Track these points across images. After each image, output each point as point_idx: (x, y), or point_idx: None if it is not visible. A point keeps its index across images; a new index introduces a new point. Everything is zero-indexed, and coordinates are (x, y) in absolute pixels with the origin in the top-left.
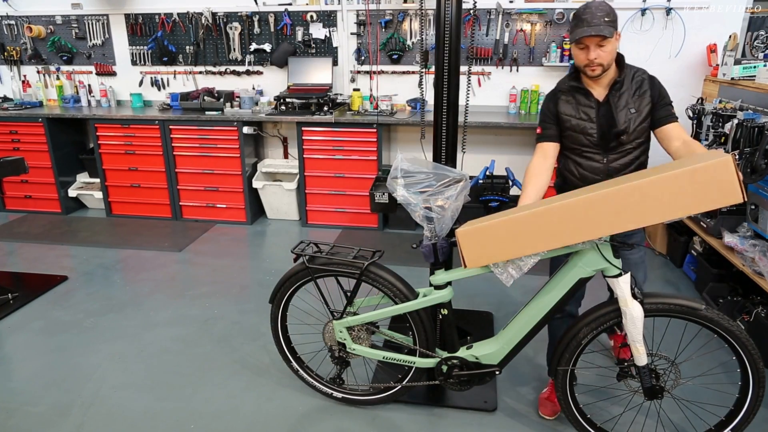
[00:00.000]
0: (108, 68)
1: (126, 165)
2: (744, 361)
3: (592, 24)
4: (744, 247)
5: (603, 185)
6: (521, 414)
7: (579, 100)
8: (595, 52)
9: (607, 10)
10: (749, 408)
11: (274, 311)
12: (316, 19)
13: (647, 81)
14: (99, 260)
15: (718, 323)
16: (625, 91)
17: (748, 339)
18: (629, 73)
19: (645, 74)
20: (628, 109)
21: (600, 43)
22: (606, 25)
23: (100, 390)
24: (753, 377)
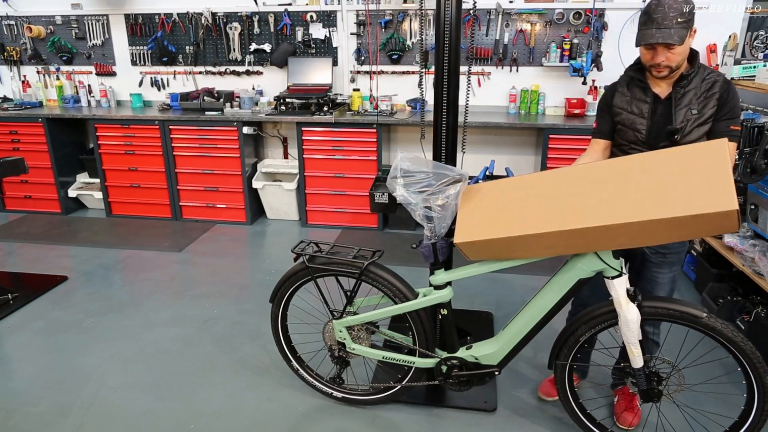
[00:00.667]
0: (108, 68)
1: (126, 165)
2: (749, 373)
3: (662, 26)
4: (744, 247)
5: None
6: (521, 414)
7: (635, 93)
8: (663, 55)
9: (681, 9)
10: (754, 421)
11: (275, 311)
12: (315, 20)
13: (720, 84)
14: (99, 260)
15: (721, 333)
16: (692, 90)
17: (754, 351)
18: (701, 72)
19: (721, 77)
20: (689, 109)
21: (669, 45)
22: (678, 27)
23: (100, 390)
24: (758, 390)
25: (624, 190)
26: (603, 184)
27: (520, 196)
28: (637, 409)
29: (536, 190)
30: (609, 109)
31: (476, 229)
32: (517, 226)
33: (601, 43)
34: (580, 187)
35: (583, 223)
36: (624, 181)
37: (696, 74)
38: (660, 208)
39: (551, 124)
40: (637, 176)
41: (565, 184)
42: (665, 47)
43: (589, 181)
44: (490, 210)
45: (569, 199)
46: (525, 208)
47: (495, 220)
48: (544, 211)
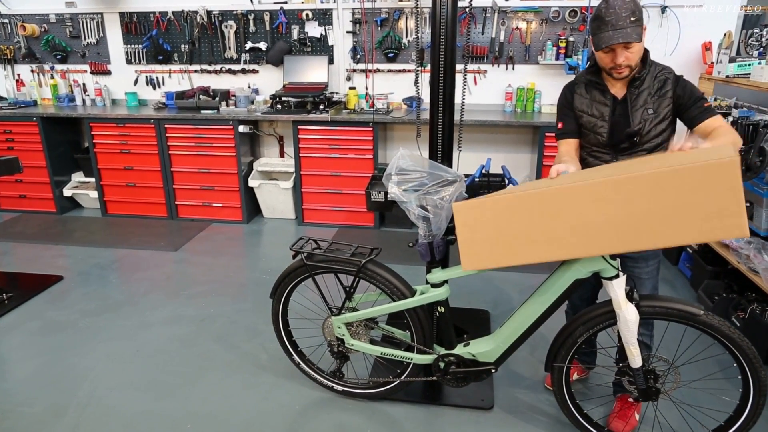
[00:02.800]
0: (103, 67)
1: (121, 164)
2: (745, 368)
3: (617, 27)
4: (739, 244)
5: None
6: (518, 412)
7: (594, 96)
8: (622, 56)
9: (632, 7)
10: (749, 416)
11: (275, 306)
12: (311, 18)
13: (671, 81)
14: (94, 260)
15: (718, 330)
16: (645, 90)
17: (750, 347)
18: (652, 70)
19: (670, 73)
20: (645, 109)
21: (627, 45)
22: (633, 26)
23: (95, 390)
24: (754, 385)
25: (632, 215)
26: (610, 205)
27: (527, 217)
28: (633, 418)
29: (541, 210)
30: (571, 109)
31: (484, 256)
32: (527, 253)
33: None
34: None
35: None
36: (631, 203)
37: (648, 74)
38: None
39: (547, 122)
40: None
41: (571, 203)
42: (623, 47)
43: (594, 200)
44: (494, 232)
45: (576, 221)
46: (533, 232)
47: (503, 245)
48: (553, 235)
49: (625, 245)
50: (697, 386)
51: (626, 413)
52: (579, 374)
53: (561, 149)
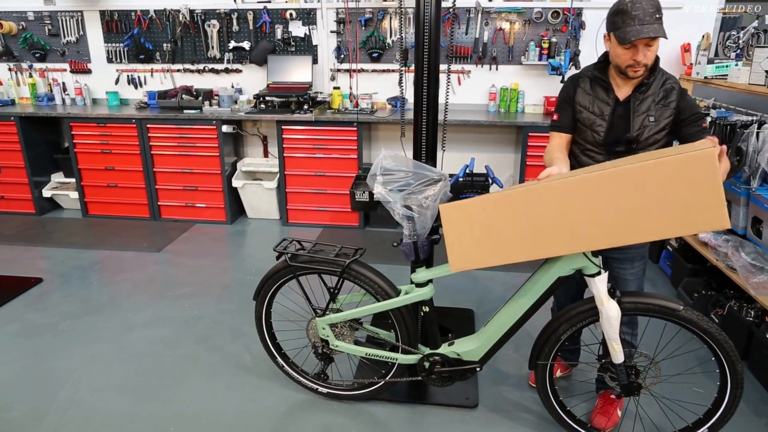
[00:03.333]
0: (83, 66)
1: (102, 164)
2: (722, 362)
3: (645, 22)
4: (717, 242)
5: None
6: (502, 410)
7: (597, 93)
8: (642, 53)
9: (657, 4)
10: (727, 408)
11: (258, 308)
12: (295, 17)
13: (676, 91)
14: (75, 261)
15: (697, 324)
16: (650, 96)
17: (727, 341)
18: (660, 77)
19: (676, 83)
20: (647, 116)
21: (649, 43)
22: (659, 23)
23: (76, 394)
24: (731, 378)
25: (615, 210)
26: (593, 201)
27: (513, 216)
28: (615, 414)
29: (526, 208)
30: (572, 103)
31: (472, 256)
32: (514, 252)
33: (578, 42)
34: (570, 206)
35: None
36: (613, 198)
37: (655, 81)
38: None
39: (530, 122)
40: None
41: (554, 202)
42: (645, 45)
43: (577, 197)
44: (481, 232)
45: (560, 218)
46: (520, 231)
47: (489, 245)
48: (539, 233)
49: (609, 240)
50: (676, 381)
51: (609, 409)
52: (562, 371)
53: (552, 142)
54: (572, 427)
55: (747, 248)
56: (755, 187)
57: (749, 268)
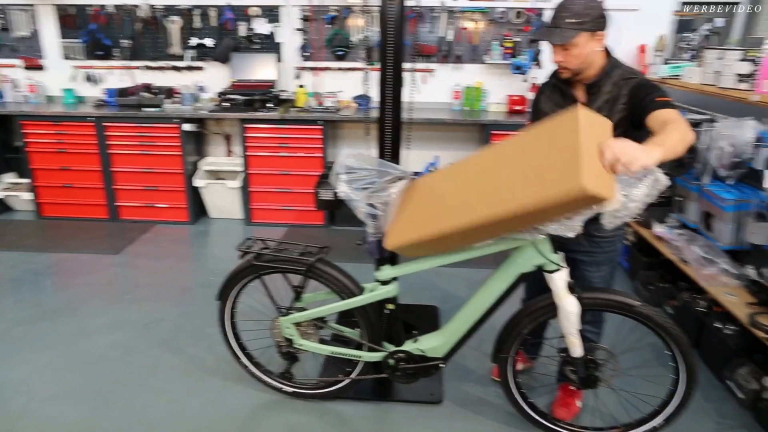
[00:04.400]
0: (36, 62)
1: (57, 164)
2: (676, 355)
3: (552, 25)
4: (671, 236)
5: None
6: (467, 404)
7: (556, 99)
8: (559, 55)
9: (576, 11)
10: (681, 399)
11: (222, 308)
12: (259, 14)
13: (630, 86)
14: (28, 265)
15: (652, 319)
16: (603, 95)
17: (681, 335)
18: (615, 76)
19: (632, 79)
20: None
21: (566, 46)
22: (567, 28)
23: (29, 403)
24: (685, 371)
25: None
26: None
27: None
28: (574, 405)
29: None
30: (537, 110)
31: (402, 232)
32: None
33: (540, 42)
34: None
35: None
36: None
37: (608, 80)
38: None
39: (494, 120)
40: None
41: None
42: (561, 48)
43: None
44: (414, 209)
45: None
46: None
47: (418, 220)
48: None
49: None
50: (635, 373)
51: (569, 401)
52: (524, 363)
53: None
54: (534, 419)
55: (698, 242)
56: (706, 182)
57: (701, 261)
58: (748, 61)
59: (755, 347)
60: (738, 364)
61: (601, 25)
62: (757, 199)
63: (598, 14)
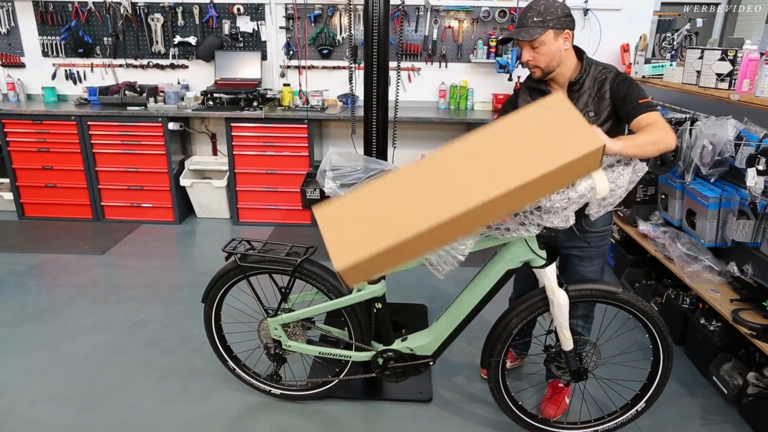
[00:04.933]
0: (15, 59)
1: (39, 164)
2: (655, 337)
3: (520, 24)
4: (656, 234)
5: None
6: (456, 403)
7: (535, 99)
8: (528, 54)
9: (540, 10)
10: (660, 380)
11: (207, 311)
12: (243, 12)
13: (609, 80)
14: (10, 266)
15: (633, 304)
16: (585, 92)
17: (659, 317)
18: (592, 72)
19: (610, 73)
20: (586, 113)
21: (533, 44)
22: (533, 26)
23: (14, 406)
24: (663, 351)
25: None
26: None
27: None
28: (563, 402)
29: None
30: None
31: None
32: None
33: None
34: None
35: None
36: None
37: (587, 76)
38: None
39: (479, 119)
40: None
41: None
42: (529, 46)
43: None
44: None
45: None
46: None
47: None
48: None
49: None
50: (615, 361)
51: (558, 398)
52: (512, 362)
53: None
54: (524, 421)
55: (682, 239)
56: (689, 181)
57: (684, 258)
58: (728, 61)
59: (739, 343)
60: (722, 360)
61: (566, 24)
62: (738, 197)
63: (563, 13)
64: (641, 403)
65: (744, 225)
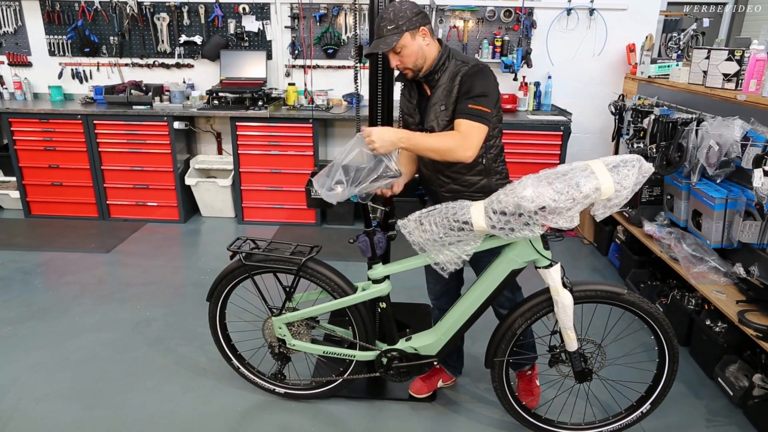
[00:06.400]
0: (23, 58)
1: (46, 162)
2: (661, 339)
3: (378, 36)
4: (661, 234)
5: None
6: (458, 403)
7: (410, 94)
8: (394, 60)
9: (391, 17)
10: (666, 382)
11: (212, 309)
12: (248, 12)
13: (461, 75)
14: (17, 264)
15: (639, 306)
16: (441, 86)
17: (665, 319)
18: (451, 66)
19: (467, 68)
20: (438, 106)
21: (395, 51)
22: (390, 34)
23: (20, 403)
24: (669, 353)
25: None
26: None
27: None
28: (537, 388)
29: None
30: (400, 108)
31: None
32: None
33: (530, 41)
34: None
35: None
36: None
37: (444, 70)
38: None
39: None
40: None
41: None
42: (393, 53)
43: None
44: None
45: None
46: None
47: None
48: None
49: None
50: (620, 363)
51: (531, 386)
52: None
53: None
54: (528, 421)
55: (688, 240)
56: (695, 181)
57: (690, 258)
58: (734, 61)
59: (745, 345)
60: (728, 361)
61: (419, 21)
62: (745, 198)
63: (413, 14)
64: (646, 404)
65: (750, 226)
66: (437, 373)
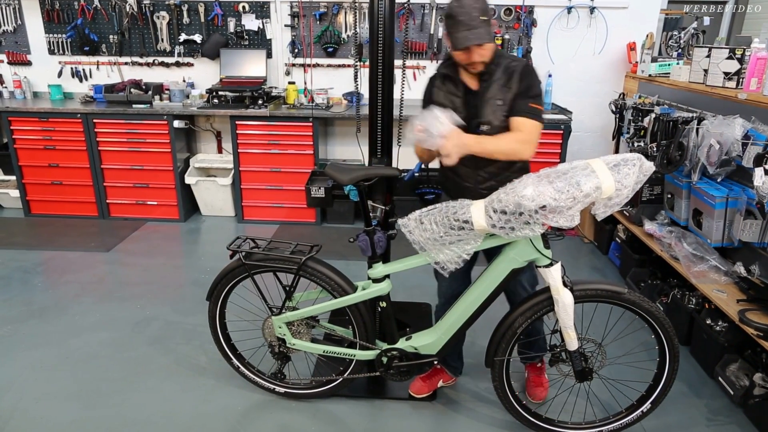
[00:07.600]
0: (22, 57)
1: (46, 161)
2: (661, 338)
3: (471, 27)
4: (662, 233)
5: None
6: (459, 402)
7: (449, 88)
8: (477, 54)
9: (482, 6)
10: (666, 381)
11: (212, 308)
12: (248, 10)
13: (518, 73)
14: (17, 263)
15: (639, 305)
16: (495, 81)
17: (665, 318)
18: (503, 62)
19: (519, 65)
20: (495, 101)
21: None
22: (485, 25)
23: (20, 402)
24: (669, 352)
25: None
26: None
27: None
28: (546, 382)
29: None
30: (431, 101)
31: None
32: None
33: (530, 39)
34: None
35: None
36: None
37: (498, 66)
38: None
39: None
40: None
41: None
42: (478, 46)
43: None
44: None
45: None
46: None
47: None
48: None
49: None
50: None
51: (540, 379)
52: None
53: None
54: (528, 420)
55: (688, 239)
56: (695, 180)
57: (690, 257)
58: (735, 60)
59: (746, 344)
60: (729, 360)
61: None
62: (745, 197)
63: (487, 5)
64: (647, 404)
65: (751, 225)
66: (437, 373)
